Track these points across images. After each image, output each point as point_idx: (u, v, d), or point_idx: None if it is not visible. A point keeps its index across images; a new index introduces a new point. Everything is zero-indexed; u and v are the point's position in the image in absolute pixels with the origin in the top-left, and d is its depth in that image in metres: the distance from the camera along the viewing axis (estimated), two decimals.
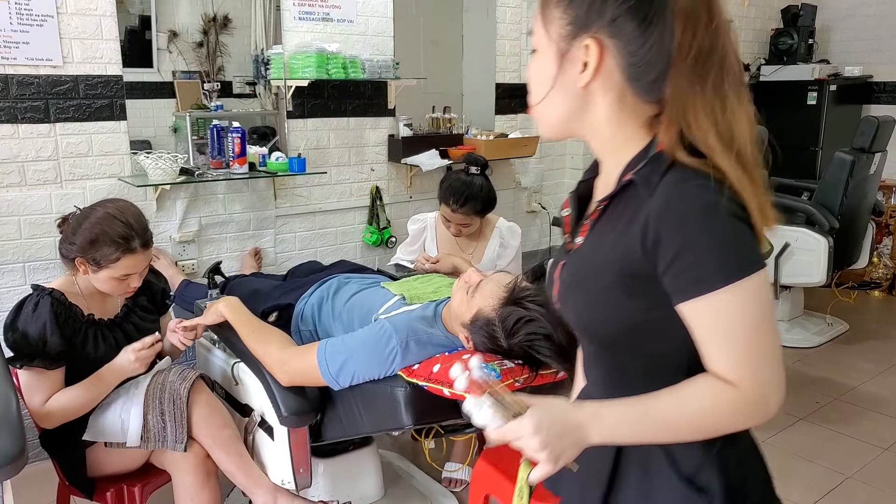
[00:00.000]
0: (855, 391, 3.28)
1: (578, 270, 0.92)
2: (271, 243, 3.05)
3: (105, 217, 1.78)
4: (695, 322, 0.82)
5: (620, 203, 0.86)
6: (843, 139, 4.88)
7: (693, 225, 0.78)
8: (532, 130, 3.85)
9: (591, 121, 0.88)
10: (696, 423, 0.83)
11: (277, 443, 1.82)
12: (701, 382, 0.83)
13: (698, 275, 0.79)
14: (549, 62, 0.86)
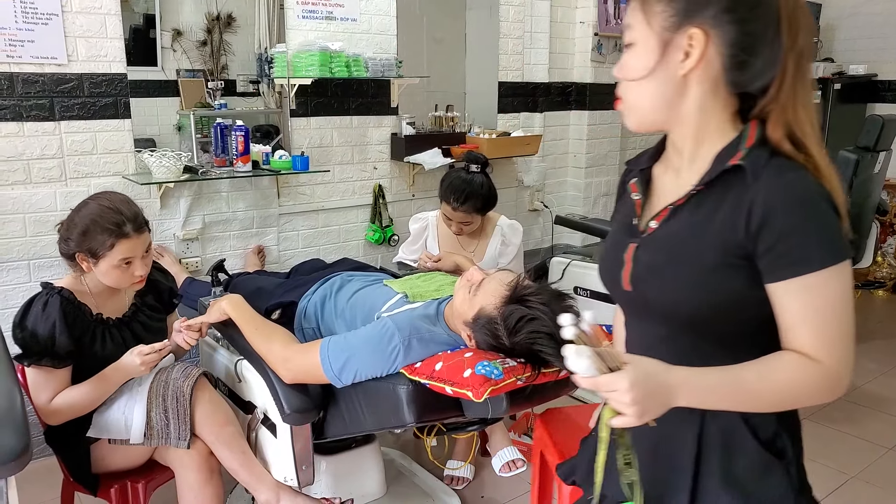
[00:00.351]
0: (859, 391, 3.28)
1: (670, 252, 0.97)
2: (274, 241, 3.06)
3: (94, 208, 1.80)
4: (787, 301, 0.89)
5: (717, 189, 0.93)
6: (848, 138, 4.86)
7: (801, 211, 0.86)
8: (535, 129, 3.86)
9: (683, 109, 0.94)
10: (780, 394, 0.90)
11: (280, 440, 1.83)
12: (787, 357, 0.90)
13: (800, 257, 0.86)
14: (650, 52, 0.92)
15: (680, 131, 0.97)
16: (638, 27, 0.94)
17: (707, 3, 0.89)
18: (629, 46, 0.96)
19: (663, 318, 1.00)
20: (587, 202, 4.14)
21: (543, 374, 1.46)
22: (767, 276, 0.89)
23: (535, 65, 3.83)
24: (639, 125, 0.99)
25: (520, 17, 3.70)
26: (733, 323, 0.95)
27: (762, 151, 0.90)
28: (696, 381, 0.89)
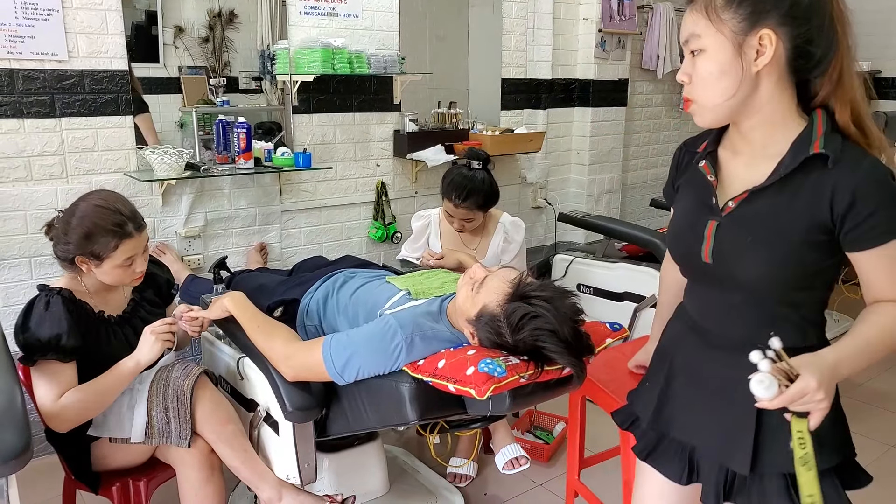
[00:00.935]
0: (861, 388, 3.27)
1: (755, 231, 1.11)
2: (277, 238, 3.05)
3: (92, 209, 1.76)
4: (874, 264, 1.07)
5: (797, 174, 1.07)
6: None
7: (881, 193, 1.03)
8: (538, 125, 3.84)
9: (755, 101, 1.08)
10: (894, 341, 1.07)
11: (282, 438, 1.82)
12: (890, 308, 1.07)
13: (886, 230, 1.03)
14: (724, 55, 1.05)
15: (750, 122, 1.10)
16: (706, 34, 1.06)
17: (772, 7, 1.03)
18: (699, 53, 1.08)
19: (742, 288, 1.14)
20: (590, 199, 4.12)
21: (546, 371, 1.45)
22: (854, 246, 1.06)
23: (539, 61, 3.81)
24: (713, 121, 1.12)
25: (523, 13, 3.69)
26: (806, 288, 1.12)
27: (835, 138, 1.05)
28: (845, 354, 1.04)
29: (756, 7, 1.03)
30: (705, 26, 1.06)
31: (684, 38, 1.11)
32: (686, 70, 1.11)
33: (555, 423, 2.77)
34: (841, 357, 1.03)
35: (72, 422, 1.75)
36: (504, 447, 2.33)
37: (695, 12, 1.08)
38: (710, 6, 1.06)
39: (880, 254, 1.05)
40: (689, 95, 1.12)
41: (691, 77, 1.10)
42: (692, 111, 1.13)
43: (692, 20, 1.09)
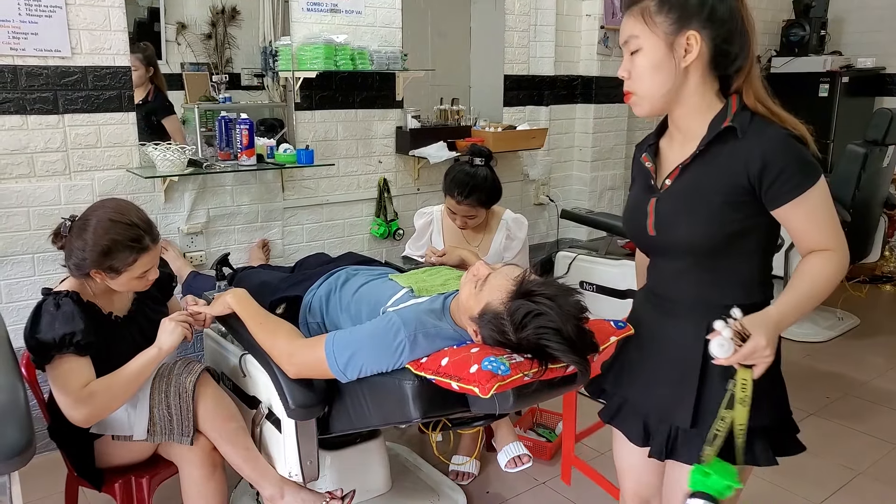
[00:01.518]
0: (866, 386, 3.26)
1: (686, 201, 1.28)
2: (279, 235, 3.04)
3: (109, 224, 1.73)
4: (793, 216, 1.21)
5: (714, 147, 1.25)
6: (856, 131, 4.82)
7: (786, 153, 1.19)
8: (541, 122, 3.83)
9: (684, 92, 1.26)
10: (825, 286, 1.22)
11: (285, 435, 1.82)
12: (815, 259, 1.23)
13: (795, 184, 1.18)
14: (658, 52, 1.23)
15: (680, 111, 1.29)
16: (643, 35, 1.23)
17: (695, 13, 1.21)
18: (637, 52, 1.25)
19: (684, 254, 1.31)
20: (593, 196, 4.11)
21: (550, 369, 1.44)
22: (773, 203, 1.21)
23: (541, 58, 3.80)
24: (651, 111, 1.28)
25: (526, 9, 3.67)
26: (738, 249, 1.27)
27: (745, 114, 1.23)
28: (784, 310, 1.20)
29: (682, 13, 1.21)
30: (641, 29, 1.23)
31: (624, 40, 1.27)
32: (626, 67, 1.27)
33: (557, 420, 2.77)
34: (783, 313, 1.20)
35: (99, 411, 1.73)
36: (506, 445, 2.32)
37: (632, 17, 1.25)
38: (645, 12, 1.23)
39: (796, 207, 1.20)
40: (629, 89, 1.28)
41: (630, 73, 1.27)
42: (632, 102, 1.29)
43: (630, 24, 1.26)
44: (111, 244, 1.72)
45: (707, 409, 1.29)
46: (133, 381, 1.76)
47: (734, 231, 1.25)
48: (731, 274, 1.29)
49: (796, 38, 5.06)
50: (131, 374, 1.76)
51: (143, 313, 1.93)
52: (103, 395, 1.72)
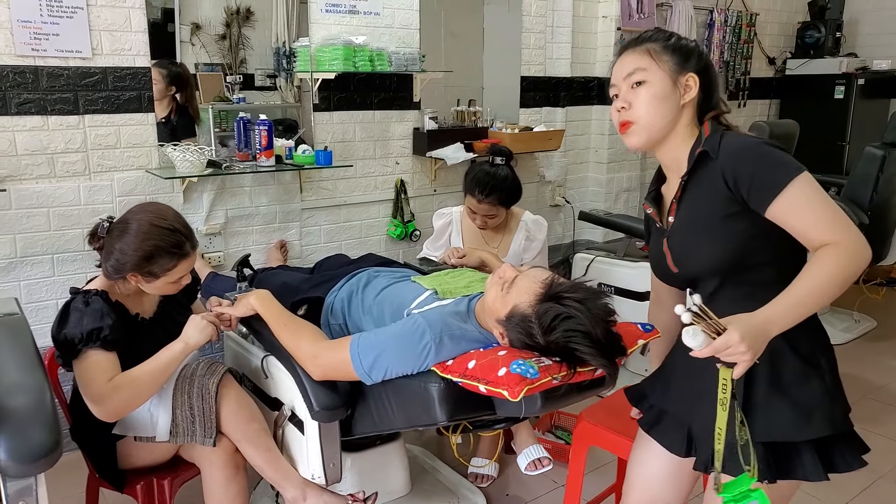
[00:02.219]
0: (884, 389, 3.23)
1: (690, 230, 1.34)
2: (297, 236, 3.05)
3: (151, 229, 1.74)
4: (786, 216, 1.19)
5: (697, 175, 1.32)
6: (871, 133, 4.79)
7: (754, 155, 1.23)
8: (557, 124, 3.82)
9: (678, 126, 1.35)
10: (833, 283, 1.15)
11: (308, 437, 1.81)
12: (817, 257, 1.16)
13: (773, 182, 1.19)
14: (665, 85, 1.32)
15: (670, 145, 1.36)
16: (651, 69, 1.32)
17: (692, 59, 1.34)
18: (643, 84, 1.32)
19: (710, 277, 1.32)
20: (608, 198, 4.10)
21: (579, 372, 1.43)
22: (761, 208, 1.21)
23: (558, 59, 3.79)
24: (647, 141, 1.35)
25: (542, 11, 3.67)
26: (759, 257, 1.27)
27: (714, 136, 1.31)
28: (776, 310, 1.15)
29: (682, 58, 1.33)
30: (649, 63, 1.33)
31: (629, 71, 1.34)
32: (625, 99, 1.34)
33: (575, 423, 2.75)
34: (771, 316, 1.14)
35: (124, 405, 1.72)
36: (527, 448, 2.32)
37: (637, 53, 1.35)
38: (651, 49, 1.33)
39: (780, 206, 1.19)
40: (629, 118, 1.34)
41: (631, 104, 1.33)
42: (631, 132, 1.35)
43: (636, 58, 1.34)
44: (154, 249, 1.73)
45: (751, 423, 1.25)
46: (159, 376, 1.76)
47: (746, 242, 1.26)
48: (762, 282, 1.27)
49: (812, 39, 5.04)
50: (157, 367, 1.75)
51: (169, 316, 1.93)
52: (128, 389, 1.71)
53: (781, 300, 1.15)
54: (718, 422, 1.18)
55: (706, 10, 4.49)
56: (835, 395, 1.30)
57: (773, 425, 1.27)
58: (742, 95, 4.87)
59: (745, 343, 1.07)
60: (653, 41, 1.35)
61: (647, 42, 1.35)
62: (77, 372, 1.72)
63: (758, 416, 1.28)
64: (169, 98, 2.83)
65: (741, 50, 4.73)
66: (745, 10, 4.74)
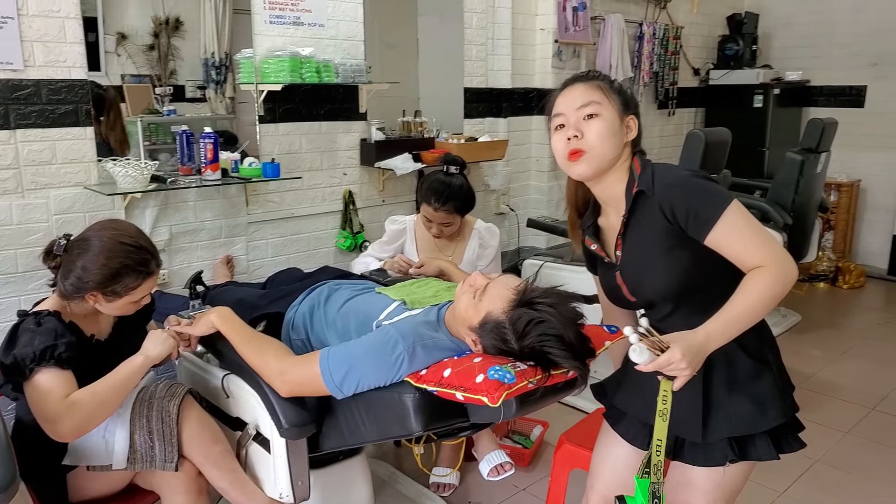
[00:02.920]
0: (813, 378, 3.43)
1: (641, 263, 1.43)
2: (243, 251, 2.98)
3: (116, 245, 1.68)
4: (722, 242, 1.30)
5: (637, 212, 1.41)
6: (787, 139, 5.10)
7: (687, 189, 1.34)
8: (500, 134, 3.89)
9: (618, 161, 1.44)
10: (763, 302, 1.27)
11: (275, 456, 1.77)
12: (750, 278, 1.28)
13: (708, 215, 1.30)
14: (616, 121, 1.42)
15: (609, 180, 1.44)
16: (604, 104, 1.41)
17: (632, 105, 1.46)
18: (595, 116, 1.40)
19: (662, 302, 1.43)
20: (550, 205, 4.20)
21: (553, 375, 1.46)
22: (699, 237, 1.31)
23: (499, 71, 3.87)
24: (595, 172, 1.42)
25: (483, 24, 3.73)
26: (708, 277, 1.38)
27: (646, 173, 1.40)
28: (714, 330, 1.25)
29: (625, 103, 1.44)
30: (602, 98, 1.41)
31: (583, 103, 1.40)
32: (579, 128, 1.40)
33: (532, 426, 2.80)
34: (710, 334, 1.25)
35: (84, 422, 1.62)
36: (489, 454, 2.34)
37: (591, 87, 1.43)
38: (603, 87, 1.42)
39: (716, 235, 1.30)
40: (582, 147, 1.40)
41: (583, 134, 1.40)
42: (582, 160, 1.41)
43: (589, 91, 1.42)
44: (120, 267, 1.66)
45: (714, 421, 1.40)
46: (120, 390, 1.68)
47: (691, 267, 1.37)
48: (710, 299, 1.34)
49: (731, 52, 5.32)
50: (117, 381, 1.68)
51: (125, 337, 1.85)
52: (88, 404, 1.62)
53: (719, 319, 1.26)
54: (657, 433, 1.25)
55: (636, 23, 4.67)
56: (783, 385, 1.45)
57: (735, 422, 1.40)
58: (671, 104, 5.09)
59: (685, 360, 1.18)
60: (601, 80, 1.44)
61: (597, 80, 1.44)
62: (29, 393, 1.62)
63: (720, 416, 1.40)
64: None
65: (669, 61, 4.95)
66: (671, 24, 4.96)
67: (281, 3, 2.93)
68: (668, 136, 5.20)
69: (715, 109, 5.39)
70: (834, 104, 5.25)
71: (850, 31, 5.13)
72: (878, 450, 2.76)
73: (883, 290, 4.94)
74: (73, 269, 1.68)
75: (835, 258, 5.00)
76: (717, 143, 3.45)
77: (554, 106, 1.46)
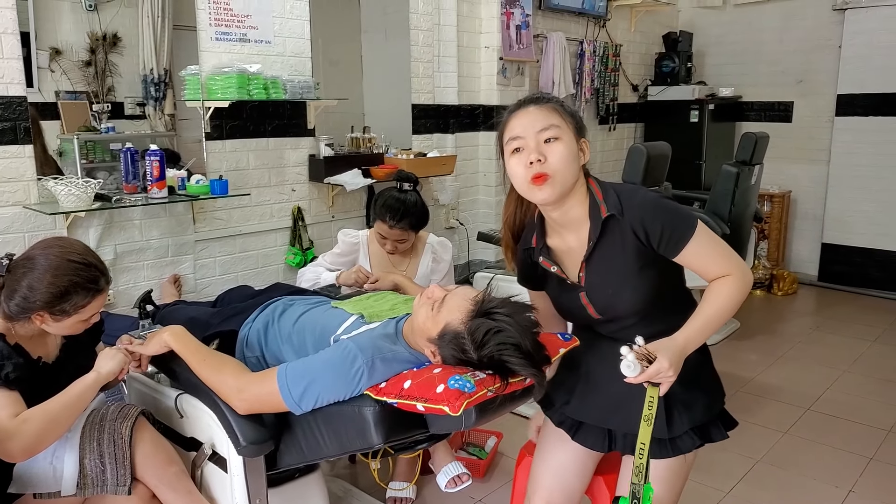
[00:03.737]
0: (752, 382, 3.57)
1: (610, 283, 1.50)
2: (191, 269, 2.93)
3: (64, 263, 1.63)
4: (692, 258, 1.43)
5: (605, 233, 1.48)
6: (722, 153, 5.33)
7: (657, 211, 1.44)
8: (448, 149, 3.94)
9: (577, 185, 1.48)
10: (728, 307, 1.42)
11: (232, 474, 1.75)
12: (716, 285, 1.43)
13: (680, 235, 1.42)
14: (573, 146, 1.46)
15: (570, 202, 1.48)
16: (563, 127, 1.45)
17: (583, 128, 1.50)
18: (555, 140, 1.43)
19: (628, 316, 1.53)
20: (499, 218, 4.22)
21: (511, 384, 1.49)
22: (670, 255, 1.43)
23: (446, 87, 3.93)
24: (559, 195, 1.45)
25: (429, 41, 3.79)
26: (665, 293, 1.51)
27: (611, 196, 1.48)
28: (692, 333, 1.39)
29: (577, 126, 1.48)
30: (560, 121, 1.45)
31: (543, 126, 1.43)
32: (542, 152, 1.43)
33: (486, 438, 2.83)
34: (688, 339, 1.38)
35: (36, 439, 1.56)
36: (445, 465, 2.35)
37: (548, 109, 1.46)
38: (559, 110, 1.46)
39: (687, 252, 1.42)
40: (546, 171, 1.42)
41: (547, 158, 1.42)
42: (547, 184, 1.42)
43: (547, 113, 1.45)
44: (69, 285, 1.61)
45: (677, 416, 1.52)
46: (72, 408, 1.63)
47: (659, 283, 1.49)
48: (665, 307, 1.51)
49: (667, 68, 5.54)
50: (69, 399, 1.63)
51: (73, 359, 1.80)
52: (40, 421, 1.56)
53: (694, 324, 1.40)
54: (642, 437, 1.32)
55: (577, 41, 4.82)
56: (715, 371, 1.64)
57: (695, 412, 1.55)
58: (612, 120, 5.25)
59: (672, 368, 1.31)
60: (555, 102, 1.48)
61: (552, 102, 1.47)
62: None
63: (680, 410, 1.52)
64: None
65: (609, 78, 5.11)
66: (611, 42, 5.14)
67: (227, 20, 2.92)
68: (610, 150, 5.36)
69: (653, 124, 5.59)
70: (764, 119, 5.52)
71: (777, 49, 5.41)
72: (813, 447, 2.90)
73: (814, 295, 5.19)
74: (17, 288, 1.62)
75: (769, 266, 5.23)
76: (658, 156, 3.58)
77: (508, 128, 1.46)
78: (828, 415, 3.20)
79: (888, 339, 4.20)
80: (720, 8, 5.64)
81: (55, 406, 1.61)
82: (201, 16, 2.83)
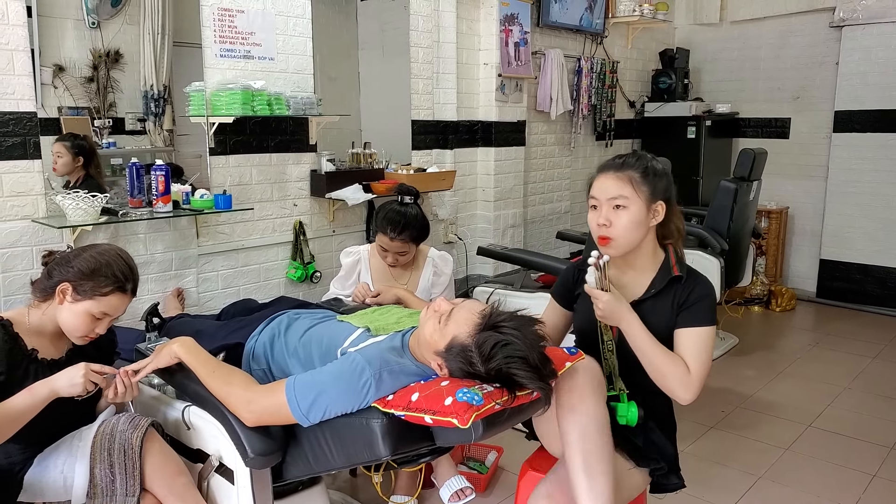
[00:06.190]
0: (752, 398, 3.58)
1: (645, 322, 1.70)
2: (194, 283, 2.94)
3: (110, 252, 1.78)
4: (685, 339, 1.70)
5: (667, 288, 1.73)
6: (720, 169, 5.38)
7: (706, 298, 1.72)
8: (447, 164, 3.98)
9: (645, 242, 1.73)
10: (664, 368, 1.67)
11: (239, 487, 1.76)
12: (677, 358, 1.67)
13: (702, 319, 1.70)
14: (641, 213, 1.68)
15: (636, 254, 1.75)
16: (632, 197, 1.67)
17: (659, 191, 1.70)
18: (622, 208, 1.67)
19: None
20: (496, 233, 4.30)
21: (518, 397, 1.51)
22: (681, 323, 1.69)
23: (445, 104, 3.97)
24: (621, 254, 1.72)
25: (429, 58, 3.84)
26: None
27: (683, 265, 1.75)
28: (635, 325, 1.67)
29: (654, 190, 1.68)
30: (630, 192, 1.66)
31: (613, 195, 1.67)
32: (609, 217, 1.68)
33: (487, 452, 2.83)
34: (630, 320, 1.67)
35: None
36: (449, 479, 2.36)
37: (620, 180, 1.68)
38: (633, 179, 1.67)
39: (690, 333, 1.68)
40: (609, 235, 1.69)
41: (612, 223, 1.67)
42: (610, 246, 1.70)
43: (619, 184, 1.67)
44: (103, 265, 1.73)
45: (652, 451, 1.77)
46: (18, 416, 1.61)
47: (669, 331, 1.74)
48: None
49: (664, 85, 5.60)
50: (18, 408, 1.61)
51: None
52: None
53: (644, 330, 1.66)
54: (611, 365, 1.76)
55: (574, 58, 4.88)
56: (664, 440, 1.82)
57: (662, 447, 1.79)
58: (609, 136, 5.31)
59: (602, 303, 1.65)
60: (634, 169, 1.68)
61: (629, 169, 1.68)
62: None
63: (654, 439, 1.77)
64: (78, 168, 2.75)
65: (606, 94, 5.17)
66: (608, 59, 5.20)
67: (231, 38, 2.96)
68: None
69: (651, 140, 5.64)
70: (761, 135, 5.58)
71: (773, 66, 5.47)
72: (815, 464, 2.90)
73: (812, 311, 5.20)
74: (64, 260, 1.75)
75: (768, 282, 5.25)
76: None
77: (592, 186, 1.74)
78: (829, 431, 3.20)
79: (888, 356, 4.21)
80: (717, 25, 5.72)
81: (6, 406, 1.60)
82: (206, 33, 2.87)
